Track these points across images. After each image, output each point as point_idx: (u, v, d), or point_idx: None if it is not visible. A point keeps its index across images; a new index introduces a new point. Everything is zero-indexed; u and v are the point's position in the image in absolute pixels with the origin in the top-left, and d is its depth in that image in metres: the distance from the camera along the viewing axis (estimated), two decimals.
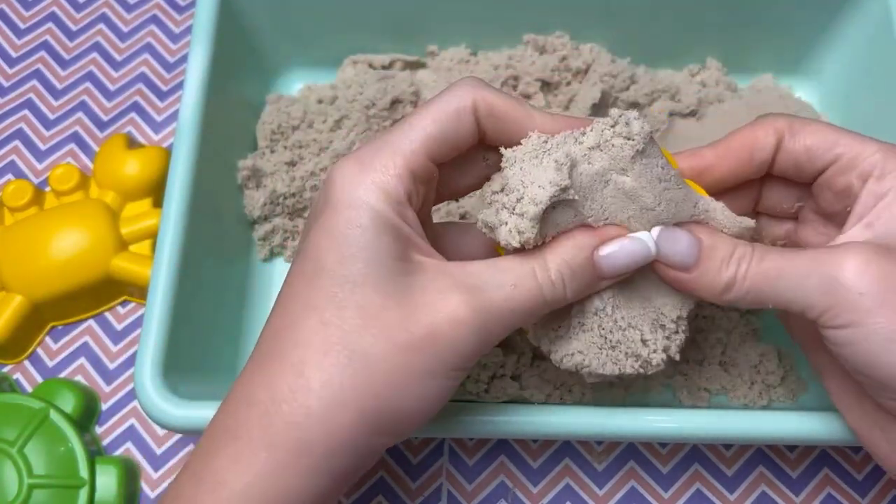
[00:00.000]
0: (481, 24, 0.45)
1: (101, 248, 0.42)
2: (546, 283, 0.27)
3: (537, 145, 0.28)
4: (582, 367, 0.30)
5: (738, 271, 0.28)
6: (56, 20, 0.51)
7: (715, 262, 0.28)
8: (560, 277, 0.27)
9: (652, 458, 0.40)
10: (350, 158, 0.28)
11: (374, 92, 0.43)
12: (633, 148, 0.27)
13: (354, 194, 0.27)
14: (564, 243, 0.28)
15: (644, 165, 0.28)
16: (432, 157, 0.28)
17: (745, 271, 0.28)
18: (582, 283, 0.28)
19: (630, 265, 0.28)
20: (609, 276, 0.28)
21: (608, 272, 0.28)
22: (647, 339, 0.30)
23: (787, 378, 0.39)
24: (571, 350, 0.30)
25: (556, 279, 0.27)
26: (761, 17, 0.44)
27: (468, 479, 0.40)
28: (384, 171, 0.27)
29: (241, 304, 0.42)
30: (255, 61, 0.45)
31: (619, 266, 0.28)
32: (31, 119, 0.49)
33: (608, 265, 0.28)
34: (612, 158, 0.27)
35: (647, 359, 0.30)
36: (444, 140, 0.28)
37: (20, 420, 0.38)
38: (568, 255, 0.28)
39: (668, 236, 0.28)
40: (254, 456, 0.25)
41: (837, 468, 0.40)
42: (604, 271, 0.28)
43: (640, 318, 0.30)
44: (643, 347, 0.30)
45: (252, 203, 0.42)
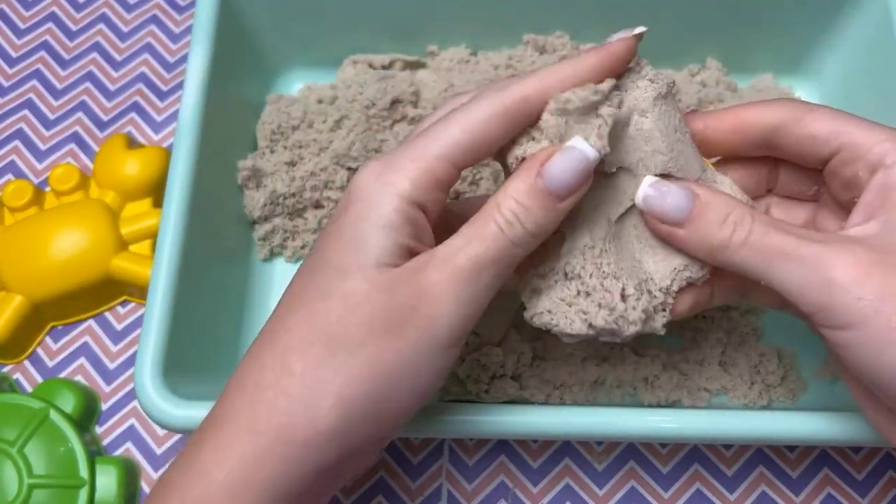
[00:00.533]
0: (481, 24, 0.45)
1: (101, 248, 0.42)
2: (504, 224, 0.26)
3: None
4: (550, 325, 0.29)
5: (733, 236, 0.27)
6: (56, 20, 0.51)
7: (709, 219, 0.27)
8: (512, 214, 0.26)
9: (652, 458, 0.40)
10: (377, 159, 0.28)
11: (374, 92, 0.43)
12: (656, 90, 0.28)
13: (367, 191, 0.27)
14: (511, 179, 0.27)
15: (663, 111, 0.28)
16: (458, 163, 0.28)
17: (742, 238, 0.27)
18: (537, 212, 0.27)
19: (575, 175, 0.26)
20: (558, 191, 0.27)
21: (554, 188, 0.26)
22: (629, 294, 0.28)
23: (787, 378, 0.39)
24: (541, 308, 0.29)
25: (509, 217, 0.26)
26: (761, 17, 0.44)
27: (468, 479, 0.40)
28: (403, 173, 0.27)
29: (241, 304, 0.42)
30: (255, 61, 0.45)
31: (565, 181, 0.26)
32: (31, 119, 0.49)
33: (550, 180, 0.26)
34: (634, 99, 0.28)
35: (624, 314, 0.28)
36: (472, 148, 0.28)
37: (20, 420, 0.38)
38: (514, 190, 0.27)
39: (657, 190, 0.28)
40: (236, 443, 0.25)
41: (837, 468, 0.40)
42: (550, 188, 0.26)
43: (626, 272, 0.29)
44: (621, 301, 0.28)
45: (252, 203, 0.42)
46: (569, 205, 0.27)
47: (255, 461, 0.25)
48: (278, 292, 0.42)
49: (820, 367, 0.40)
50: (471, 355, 0.38)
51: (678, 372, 0.39)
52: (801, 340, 0.40)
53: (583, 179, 0.27)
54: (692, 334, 0.40)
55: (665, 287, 0.29)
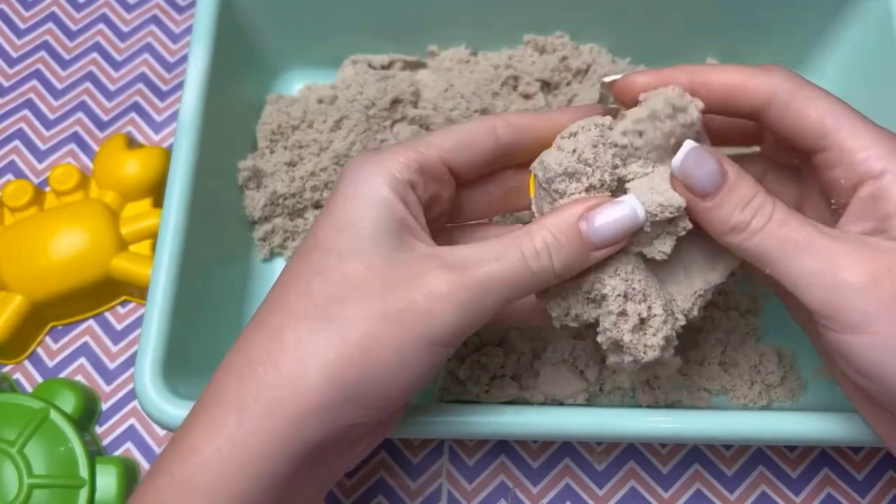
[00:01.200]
0: (481, 24, 0.45)
1: (101, 248, 0.42)
2: (531, 253, 0.27)
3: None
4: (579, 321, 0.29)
5: (752, 221, 0.27)
6: (56, 20, 0.51)
7: (732, 200, 0.27)
8: (545, 247, 0.27)
9: (652, 458, 0.40)
10: (366, 152, 0.29)
11: (374, 92, 0.43)
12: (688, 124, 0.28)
13: (358, 176, 0.28)
14: (552, 214, 0.27)
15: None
16: (446, 159, 0.29)
17: (760, 225, 0.27)
18: (569, 253, 0.27)
19: (618, 232, 0.27)
20: (597, 244, 0.27)
21: (595, 240, 0.27)
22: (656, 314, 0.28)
23: (787, 378, 0.39)
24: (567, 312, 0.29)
25: (540, 249, 0.27)
26: (761, 17, 0.44)
27: (468, 479, 0.40)
28: (393, 157, 0.28)
29: (241, 304, 0.42)
30: (255, 61, 0.45)
31: (606, 233, 0.27)
32: (31, 119, 0.49)
33: (594, 233, 0.27)
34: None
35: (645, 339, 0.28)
36: (461, 146, 0.29)
37: (20, 420, 0.38)
38: (553, 225, 0.27)
39: (697, 157, 0.27)
40: (224, 419, 0.25)
41: (837, 468, 0.40)
42: (591, 240, 0.27)
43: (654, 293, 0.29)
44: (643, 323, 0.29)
45: (253, 204, 0.42)
46: (602, 256, 0.27)
47: (243, 438, 0.25)
48: None
49: (820, 368, 0.40)
50: (471, 355, 0.38)
51: (678, 372, 0.39)
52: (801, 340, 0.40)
53: (624, 237, 0.27)
54: (692, 334, 0.40)
55: (686, 309, 0.30)
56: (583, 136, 0.28)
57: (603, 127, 0.28)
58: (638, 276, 0.28)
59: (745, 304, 0.41)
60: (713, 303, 0.41)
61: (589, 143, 0.28)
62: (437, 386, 0.38)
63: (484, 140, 0.29)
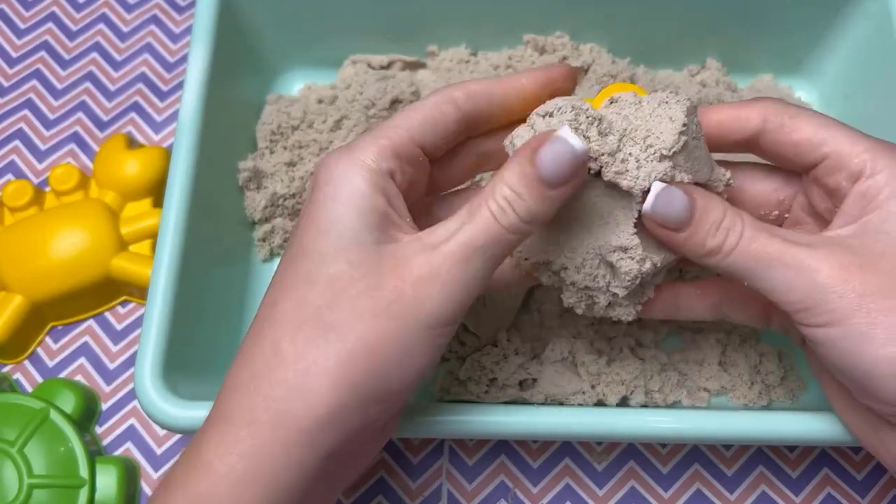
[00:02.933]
0: (481, 24, 0.45)
1: (101, 248, 0.42)
2: (496, 209, 0.27)
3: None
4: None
5: (725, 241, 0.28)
6: (56, 20, 0.51)
7: (704, 227, 0.28)
8: (505, 200, 0.27)
9: (652, 458, 0.40)
10: (337, 148, 0.29)
11: (374, 92, 0.43)
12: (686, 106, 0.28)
13: (333, 172, 0.28)
14: (505, 167, 0.27)
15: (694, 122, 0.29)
16: (416, 139, 0.29)
17: (733, 244, 0.28)
18: (530, 200, 0.26)
19: (563, 164, 0.26)
20: (551, 180, 0.26)
21: (549, 178, 0.26)
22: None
23: (787, 378, 0.39)
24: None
25: (502, 204, 0.27)
26: (761, 17, 0.44)
27: (468, 479, 0.40)
28: (365, 149, 0.28)
29: (241, 304, 0.42)
30: (255, 61, 0.45)
31: (554, 167, 0.26)
32: (31, 119, 0.49)
33: (542, 168, 0.26)
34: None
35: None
36: (426, 123, 0.29)
37: (20, 420, 0.38)
38: (507, 175, 0.27)
39: (667, 195, 0.28)
40: (236, 436, 0.25)
41: (837, 468, 0.40)
42: (542, 176, 0.26)
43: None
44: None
45: (253, 205, 0.42)
46: (562, 193, 0.27)
47: (257, 453, 0.25)
48: None
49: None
50: (471, 356, 0.38)
51: (678, 372, 0.39)
52: None
53: (572, 170, 0.27)
54: (692, 334, 0.40)
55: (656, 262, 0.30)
56: (557, 118, 0.28)
57: (580, 110, 0.28)
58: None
59: None
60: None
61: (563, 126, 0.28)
62: (437, 386, 0.38)
63: (448, 113, 0.30)
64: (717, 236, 0.28)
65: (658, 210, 0.28)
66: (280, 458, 0.25)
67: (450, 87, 0.30)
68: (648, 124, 0.28)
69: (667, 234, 0.28)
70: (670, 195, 0.28)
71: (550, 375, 0.37)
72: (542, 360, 0.38)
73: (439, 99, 0.30)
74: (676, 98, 0.28)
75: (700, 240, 0.28)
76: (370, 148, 0.28)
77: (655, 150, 0.28)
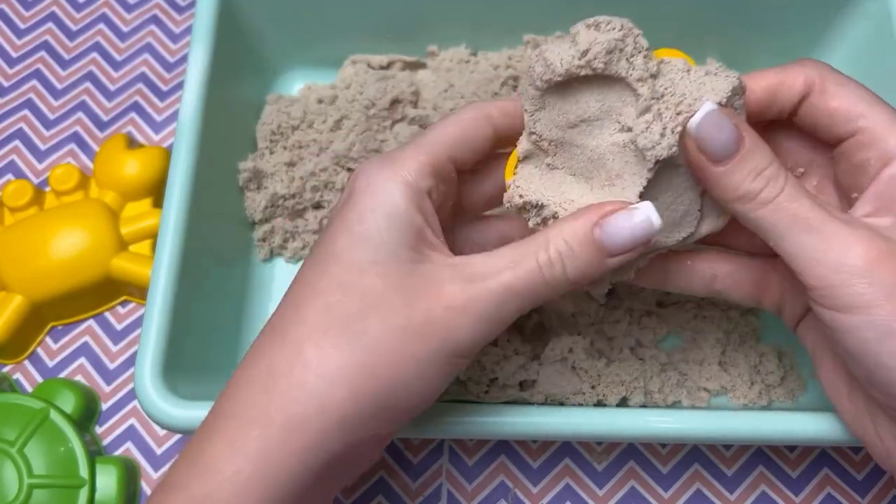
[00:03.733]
0: (481, 24, 0.45)
1: (101, 248, 0.42)
2: (545, 263, 0.26)
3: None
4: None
5: (763, 190, 0.26)
6: (56, 20, 0.51)
7: (745, 168, 0.27)
8: (559, 257, 0.26)
9: (652, 458, 0.40)
10: (376, 156, 0.29)
11: (374, 92, 0.43)
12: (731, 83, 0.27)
13: (373, 183, 0.27)
14: (566, 221, 0.27)
15: None
16: (453, 156, 0.29)
17: (771, 195, 0.26)
18: (584, 261, 0.27)
19: (634, 240, 0.26)
20: (613, 252, 0.27)
21: (610, 248, 0.26)
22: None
23: (787, 378, 0.39)
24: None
25: (554, 259, 0.26)
26: (761, 17, 0.44)
27: (468, 479, 0.40)
28: (405, 164, 0.28)
29: (241, 304, 0.42)
30: (255, 61, 0.45)
31: (622, 242, 0.26)
32: (31, 119, 0.49)
33: (609, 241, 0.26)
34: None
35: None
36: (463, 140, 0.29)
37: (20, 420, 0.38)
38: (567, 232, 0.27)
39: (715, 120, 0.26)
40: (246, 435, 0.25)
41: (837, 468, 0.40)
42: (605, 248, 0.26)
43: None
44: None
45: (253, 206, 0.42)
46: (617, 263, 0.27)
47: (265, 457, 0.25)
48: (278, 293, 0.42)
49: None
50: None
51: (678, 372, 0.39)
52: None
53: (641, 245, 0.27)
54: (692, 334, 0.40)
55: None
56: (603, 35, 0.27)
57: (630, 32, 0.26)
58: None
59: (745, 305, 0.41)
60: (713, 302, 0.41)
61: (604, 47, 0.27)
62: None
63: (482, 130, 0.30)
64: (756, 181, 0.26)
65: (703, 131, 0.26)
66: (287, 463, 0.25)
67: (486, 103, 0.30)
68: (689, 90, 0.27)
69: (703, 162, 0.27)
70: (720, 119, 0.26)
71: (550, 375, 0.37)
72: (542, 360, 0.38)
73: (475, 115, 0.29)
74: (726, 73, 0.27)
75: (737, 180, 0.27)
76: (411, 163, 0.28)
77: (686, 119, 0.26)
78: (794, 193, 0.26)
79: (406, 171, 0.27)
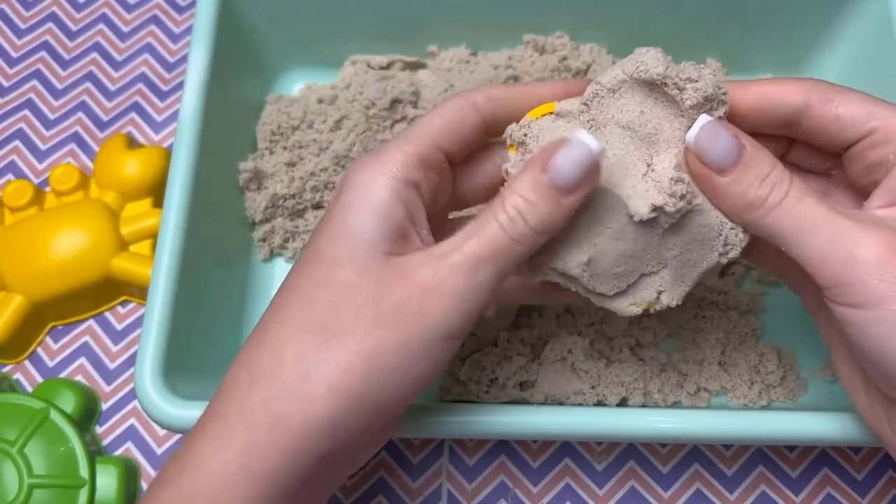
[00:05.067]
0: (481, 24, 0.45)
1: (101, 248, 0.42)
2: (504, 220, 0.26)
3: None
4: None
5: (770, 195, 0.26)
6: (56, 20, 0.51)
7: (750, 175, 0.27)
8: (515, 210, 0.26)
9: (652, 458, 0.40)
10: (365, 155, 0.29)
11: (374, 92, 0.43)
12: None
13: (358, 178, 0.28)
14: (517, 176, 0.27)
15: None
16: (440, 146, 0.29)
17: (777, 199, 0.26)
18: (543, 208, 0.26)
19: (578, 170, 0.26)
20: (565, 188, 0.26)
21: (561, 185, 0.26)
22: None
23: (787, 378, 0.39)
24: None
25: (512, 214, 0.26)
26: (761, 17, 0.44)
27: (468, 479, 0.40)
28: (391, 157, 0.28)
29: (241, 304, 0.42)
30: (255, 61, 0.45)
31: (567, 175, 0.26)
32: (31, 119, 0.49)
33: (558, 178, 0.26)
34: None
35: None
36: (450, 130, 0.29)
37: (20, 420, 0.38)
38: (519, 184, 0.26)
39: (712, 131, 0.27)
40: (232, 433, 0.25)
41: (837, 468, 0.40)
42: (558, 186, 0.26)
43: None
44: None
45: (254, 206, 0.42)
46: (575, 200, 0.27)
47: (251, 451, 0.25)
48: None
49: (820, 367, 0.40)
50: (471, 356, 0.38)
51: (678, 372, 0.39)
52: (801, 340, 0.40)
53: (588, 173, 0.26)
54: (692, 334, 0.40)
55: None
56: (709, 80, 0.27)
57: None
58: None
59: (745, 304, 0.41)
60: (713, 302, 0.41)
61: (705, 93, 0.27)
62: (437, 386, 0.38)
63: (469, 118, 0.29)
64: (762, 188, 0.26)
65: (702, 144, 0.27)
66: (274, 459, 0.25)
67: (471, 92, 0.30)
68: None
69: (707, 174, 0.27)
70: (716, 131, 0.27)
71: (550, 376, 0.37)
72: (541, 360, 0.38)
73: (461, 103, 0.29)
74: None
75: (743, 188, 0.27)
76: (396, 155, 0.28)
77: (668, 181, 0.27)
78: (800, 195, 0.26)
79: (392, 165, 0.27)
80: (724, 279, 0.41)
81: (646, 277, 0.29)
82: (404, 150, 0.28)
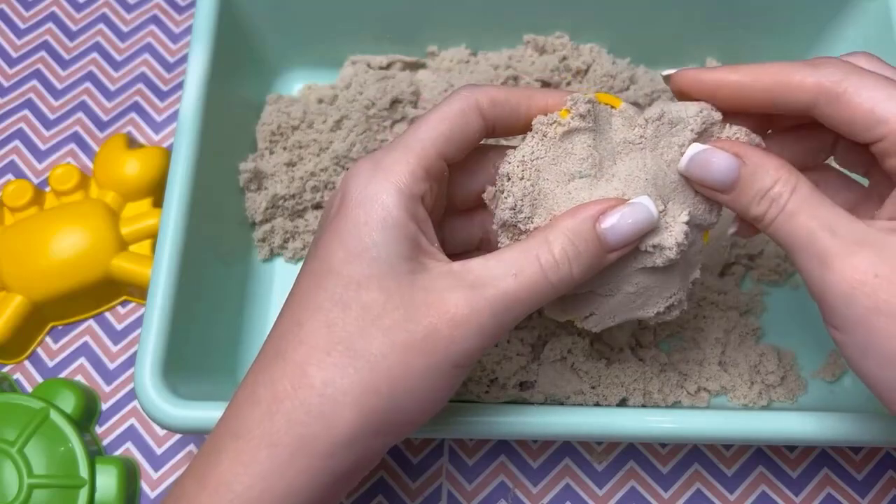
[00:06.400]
0: (481, 24, 0.45)
1: (101, 248, 0.42)
2: (549, 265, 0.26)
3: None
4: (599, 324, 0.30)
5: (767, 212, 0.27)
6: (56, 20, 0.51)
7: (749, 193, 0.27)
8: (565, 257, 0.26)
9: (652, 458, 0.40)
10: (365, 159, 0.28)
11: (374, 92, 0.43)
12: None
13: (366, 192, 0.27)
14: (566, 221, 0.27)
15: None
16: (444, 154, 0.28)
17: (772, 216, 0.27)
18: (588, 258, 0.27)
19: (635, 232, 0.27)
20: (615, 246, 0.27)
21: (613, 242, 0.27)
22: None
23: (787, 378, 0.39)
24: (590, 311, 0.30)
25: (560, 259, 0.26)
26: (761, 17, 0.44)
27: (468, 479, 0.40)
28: (397, 169, 0.27)
29: (241, 304, 0.42)
30: (255, 61, 0.45)
31: (624, 235, 0.27)
32: (31, 119, 0.49)
33: (612, 235, 0.27)
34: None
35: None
36: (453, 136, 0.28)
37: (20, 420, 0.38)
38: (570, 229, 0.27)
39: (702, 159, 0.27)
40: (255, 455, 0.25)
41: (837, 468, 0.40)
42: (608, 242, 0.27)
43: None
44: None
45: (254, 207, 0.42)
46: (616, 258, 0.27)
47: (275, 473, 0.25)
48: (278, 292, 0.42)
49: (820, 367, 0.40)
50: None
51: (678, 372, 0.39)
52: (801, 340, 0.40)
53: (640, 237, 0.27)
54: (692, 334, 0.40)
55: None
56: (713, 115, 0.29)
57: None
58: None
59: (745, 304, 0.41)
60: (713, 302, 0.41)
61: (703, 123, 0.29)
62: None
63: (472, 123, 0.29)
64: (761, 205, 0.27)
65: (694, 173, 0.27)
66: (299, 479, 0.25)
67: (473, 91, 0.29)
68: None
69: (712, 193, 0.28)
70: (707, 158, 0.27)
71: (550, 376, 0.37)
72: (541, 360, 0.38)
73: (464, 106, 0.29)
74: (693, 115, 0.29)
75: (744, 205, 0.27)
76: (402, 168, 0.27)
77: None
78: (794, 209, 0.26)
79: (398, 178, 0.27)
80: (724, 279, 0.42)
81: (594, 295, 0.30)
82: (410, 162, 0.27)
